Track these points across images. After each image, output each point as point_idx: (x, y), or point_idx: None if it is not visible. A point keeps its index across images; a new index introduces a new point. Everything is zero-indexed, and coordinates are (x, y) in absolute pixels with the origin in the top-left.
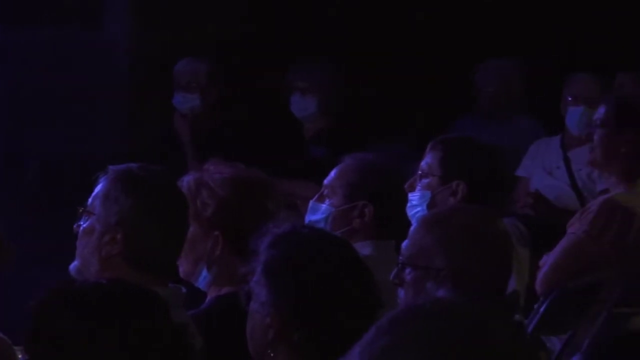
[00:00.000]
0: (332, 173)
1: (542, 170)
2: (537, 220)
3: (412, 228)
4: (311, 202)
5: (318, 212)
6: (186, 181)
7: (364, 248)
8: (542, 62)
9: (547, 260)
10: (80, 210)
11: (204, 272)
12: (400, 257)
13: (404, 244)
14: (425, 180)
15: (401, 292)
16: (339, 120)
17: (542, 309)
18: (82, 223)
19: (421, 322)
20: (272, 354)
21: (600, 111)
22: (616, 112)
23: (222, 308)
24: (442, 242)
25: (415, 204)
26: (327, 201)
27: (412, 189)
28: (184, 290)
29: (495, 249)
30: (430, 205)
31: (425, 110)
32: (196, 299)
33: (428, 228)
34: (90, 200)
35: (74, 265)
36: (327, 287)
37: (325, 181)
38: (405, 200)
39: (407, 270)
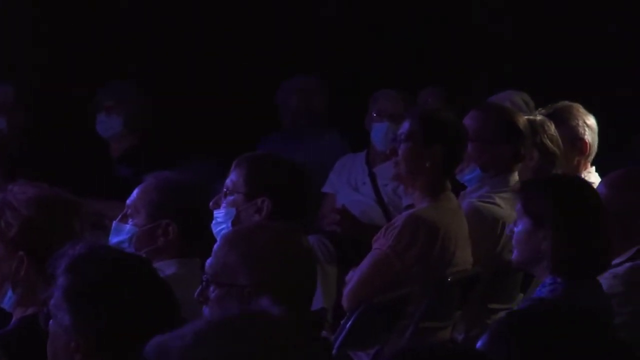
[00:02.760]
0: (134, 193)
1: (348, 186)
2: (344, 236)
3: (215, 245)
4: (114, 223)
5: (122, 233)
6: None
7: (169, 267)
8: (344, 79)
9: (353, 276)
10: None
11: (9, 293)
12: (205, 275)
13: (208, 261)
14: (230, 198)
15: (206, 310)
16: (145, 139)
17: (348, 325)
18: None
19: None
20: None
21: (405, 125)
22: (421, 127)
23: (28, 329)
24: (245, 259)
25: (221, 221)
26: (130, 221)
27: (217, 207)
28: None
29: (299, 266)
30: (235, 222)
31: (232, 128)
32: (2, 320)
33: (231, 245)
34: None
35: None
36: (128, 308)
37: (128, 201)
38: (209, 217)
39: (212, 288)
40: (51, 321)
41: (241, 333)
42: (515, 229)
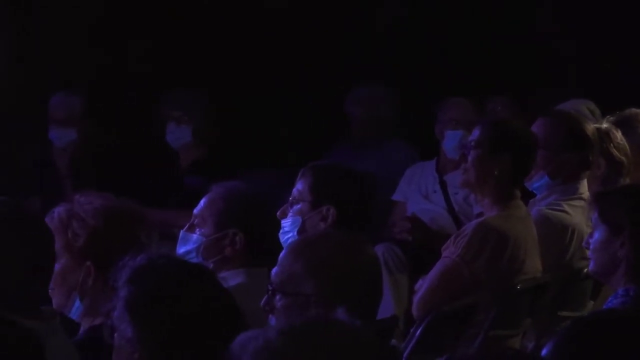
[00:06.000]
0: (202, 202)
1: (418, 194)
2: (415, 244)
3: (281, 254)
4: (182, 233)
5: (189, 242)
6: (57, 212)
7: (236, 276)
8: (412, 87)
9: (423, 285)
10: None
11: (77, 303)
12: (271, 284)
13: (274, 270)
14: (296, 207)
15: (272, 319)
16: (214, 149)
17: (418, 333)
18: None
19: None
20: None
21: (475, 133)
22: (490, 135)
23: (96, 339)
24: (310, 268)
25: (287, 230)
26: (197, 231)
27: (284, 216)
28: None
29: (364, 274)
30: (301, 231)
31: (300, 137)
32: (71, 330)
33: (296, 254)
34: None
35: None
36: (190, 319)
37: (195, 211)
38: (277, 227)
39: (278, 297)
40: (116, 333)
41: (320, 338)
42: (591, 240)
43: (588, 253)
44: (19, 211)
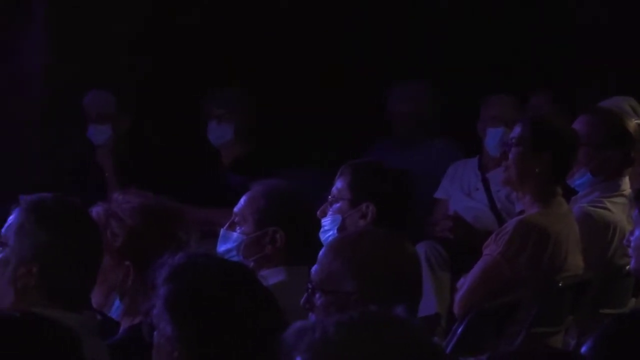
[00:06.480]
0: (241, 201)
1: (460, 191)
2: (457, 242)
3: (320, 252)
4: (222, 231)
5: (230, 241)
6: (95, 212)
7: (276, 274)
8: (454, 84)
9: (464, 282)
10: None
11: (117, 302)
12: (310, 282)
13: (314, 268)
14: (336, 205)
15: (312, 317)
16: (255, 147)
17: (459, 330)
18: None
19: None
20: None
21: (516, 130)
22: (531, 132)
23: (135, 338)
24: (350, 266)
25: (327, 228)
26: (238, 229)
27: (324, 215)
28: (98, 317)
29: (404, 272)
30: (341, 229)
31: (342, 135)
32: (111, 329)
33: (336, 252)
34: (4, 230)
35: None
36: (230, 317)
37: (236, 209)
38: (317, 225)
39: (317, 295)
40: (155, 332)
41: (379, 332)
42: (632, 237)
43: (629, 251)
44: (71, 208)
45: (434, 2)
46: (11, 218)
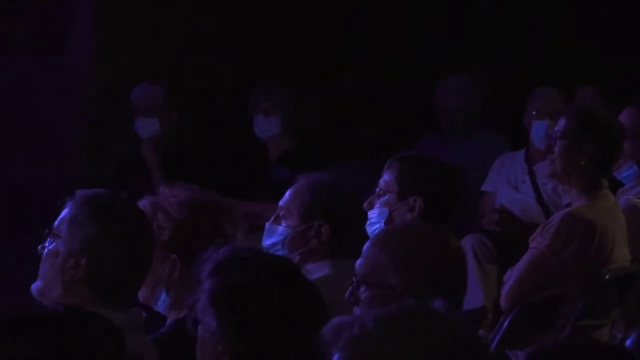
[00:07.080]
0: (287, 194)
1: (507, 184)
2: (503, 235)
3: (365, 246)
4: (267, 225)
5: (275, 234)
6: (142, 205)
7: (322, 268)
8: (501, 77)
9: (511, 276)
10: (46, 232)
11: (163, 296)
12: (355, 276)
13: (358, 262)
14: (383, 198)
15: (357, 311)
16: (302, 141)
17: (505, 323)
18: (46, 245)
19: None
20: None
21: (561, 123)
22: (577, 125)
23: (181, 331)
24: (395, 259)
25: (374, 221)
26: (283, 222)
27: (371, 207)
28: (144, 314)
29: (449, 266)
30: (388, 222)
31: (389, 128)
32: (157, 323)
33: (381, 246)
34: (56, 223)
35: (35, 286)
36: (274, 311)
37: (281, 203)
38: (362, 218)
39: (362, 289)
40: (199, 325)
41: (417, 327)
42: None
43: None
44: (124, 203)
45: None
46: (65, 211)
